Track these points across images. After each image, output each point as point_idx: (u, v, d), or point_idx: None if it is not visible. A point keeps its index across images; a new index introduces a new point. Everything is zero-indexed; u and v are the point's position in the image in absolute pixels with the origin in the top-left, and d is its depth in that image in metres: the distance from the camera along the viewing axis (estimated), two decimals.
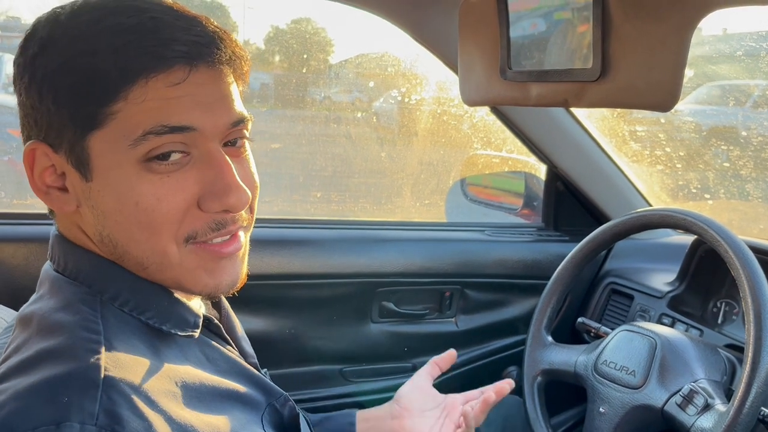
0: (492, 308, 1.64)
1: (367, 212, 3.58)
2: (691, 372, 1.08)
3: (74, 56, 0.57)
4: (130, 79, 0.57)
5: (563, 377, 1.24)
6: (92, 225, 0.63)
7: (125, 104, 0.58)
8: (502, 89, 0.95)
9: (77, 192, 0.62)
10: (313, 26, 6.02)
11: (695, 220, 1.13)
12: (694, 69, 4.14)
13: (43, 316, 0.61)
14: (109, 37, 0.57)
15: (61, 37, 0.58)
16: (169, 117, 0.58)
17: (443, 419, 0.99)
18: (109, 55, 0.57)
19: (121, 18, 0.58)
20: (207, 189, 0.61)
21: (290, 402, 0.77)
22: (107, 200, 0.60)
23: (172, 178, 0.60)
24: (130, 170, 0.59)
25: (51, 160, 0.61)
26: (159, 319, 0.65)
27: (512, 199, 1.85)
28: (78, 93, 0.58)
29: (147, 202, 0.59)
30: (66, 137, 0.59)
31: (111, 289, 0.64)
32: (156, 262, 0.62)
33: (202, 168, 0.61)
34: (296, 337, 1.46)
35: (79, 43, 0.57)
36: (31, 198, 3.22)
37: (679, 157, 3.16)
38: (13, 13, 8.73)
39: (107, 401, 0.53)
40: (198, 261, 0.63)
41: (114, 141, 0.58)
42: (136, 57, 0.57)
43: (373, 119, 5.07)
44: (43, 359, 0.55)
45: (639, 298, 1.48)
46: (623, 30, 0.76)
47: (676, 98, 0.73)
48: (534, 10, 0.89)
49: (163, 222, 0.60)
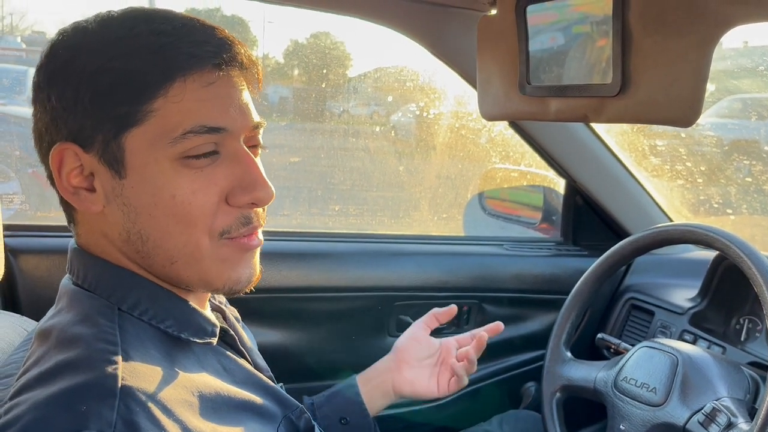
0: (510, 323, 1.62)
1: (385, 226, 3.58)
2: (713, 390, 1.07)
3: (112, 58, 0.60)
4: (169, 78, 0.60)
5: (583, 393, 1.22)
6: (119, 224, 0.64)
7: (164, 102, 0.61)
8: (520, 104, 0.95)
9: (106, 191, 0.63)
10: (332, 40, 6.06)
11: (717, 236, 1.12)
12: (716, 83, 4.11)
13: (61, 329, 0.61)
14: (145, 39, 0.60)
15: (96, 42, 0.61)
16: (207, 118, 0.62)
17: (439, 366, 1.04)
18: (147, 55, 0.60)
19: (154, 24, 0.61)
20: (236, 184, 0.64)
21: (306, 414, 0.77)
22: (142, 195, 0.62)
23: (205, 173, 0.63)
24: (166, 166, 0.61)
25: (80, 161, 0.63)
26: (177, 327, 0.66)
27: (531, 213, 1.84)
28: (115, 92, 0.60)
29: (183, 195, 0.62)
30: (100, 136, 0.61)
31: (130, 298, 0.65)
32: (187, 254, 0.64)
33: (230, 165, 0.64)
34: (313, 351, 1.46)
35: (115, 46, 0.61)
36: (54, 210, 3.25)
37: (700, 172, 3.13)
38: (38, 28, 8.78)
39: (125, 410, 0.54)
40: (225, 255, 0.66)
41: (152, 138, 0.61)
42: (174, 57, 0.60)
43: (391, 133, 5.09)
44: (62, 370, 0.56)
45: (660, 314, 1.46)
46: (643, 45, 0.75)
47: (698, 114, 0.72)
48: (553, 23, 0.89)
49: (198, 215, 0.63)
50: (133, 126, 0.61)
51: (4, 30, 8.00)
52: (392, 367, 1.03)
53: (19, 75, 5.05)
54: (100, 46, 0.61)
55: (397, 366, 1.03)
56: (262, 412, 0.70)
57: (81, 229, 0.68)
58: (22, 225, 1.31)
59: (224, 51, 0.63)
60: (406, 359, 1.03)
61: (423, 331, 1.06)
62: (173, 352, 0.65)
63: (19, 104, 4.69)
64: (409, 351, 1.04)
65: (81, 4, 10.58)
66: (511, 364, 1.63)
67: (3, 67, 5.73)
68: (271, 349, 0.93)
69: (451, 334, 1.56)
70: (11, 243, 1.22)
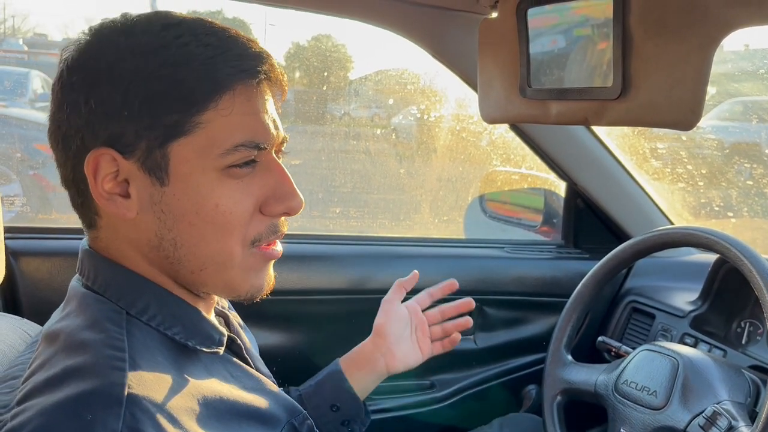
0: (511, 326, 1.62)
1: (386, 228, 3.58)
2: (714, 393, 1.06)
3: (162, 65, 0.60)
4: (219, 91, 0.61)
5: (583, 396, 1.22)
6: (151, 230, 0.64)
7: (214, 114, 0.62)
8: (521, 107, 0.95)
9: (142, 197, 0.63)
10: (333, 43, 6.07)
11: (718, 239, 1.12)
12: (716, 86, 4.11)
13: (69, 333, 0.61)
14: (194, 49, 0.61)
15: (142, 46, 0.61)
16: (255, 132, 0.64)
17: (415, 333, 1.08)
18: (199, 66, 0.60)
19: (201, 34, 0.62)
20: (270, 194, 0.66)
21: (309, 421, 0.77)
22: (184, 203, 0.63)
23: (245, 183, 0.65)
24: (212, 176, 0.63)
25: (116, 166, 0.62)
26: (185, 334, 0.66)
27: (532, 215, 1.84)
28: (165, 101, 0.60)
29: (226, 204, 0.63)
30: (143, 143, 0.61)
31: (139, 303, 0.65)
32: (219, 262, 0.65)
33: (265, 175, 0.66)
34: (313, 353, 1.46)
35: (164, 54, 0.60)
36: (55, 213, 3.27)
37: (701, 175, 3.13)
38: (40, 30, 8.81)
39: (130, 419, 0.54)
40: (252, 263, 0.68)
41: (200, 149, 0.62)
42: (223, 70, 0.61)
43: (392, 135, 5.09)
44: (69, 377, 0.56)
45: (660, 317, 1.46)
46: (644, 48, 0.76)
47: (699, 117, 0.72)
48: (554, 26, 0.89)
49: (236, 224, 0.64)
50: (181, 136, 0.61)
51: (6, 32, 8.02)
52: (380, 350, 1.05)
53: (21, 77, 5.06)
54: (147, 51, 0.60)
55: (387, 349, 1.05)
56: (266, 418, 0.71)
57: (103, 234, 0.67)
58: (23, 227, 1.31)
59: (263, 64, 0.64)
60: (391, 339, 1.05)
61: (395, 306, 1.08)
62: (180, 359, 0.65)
63: (21, 106, 4.70)
64: (391, 330, 1.06)
65: (83, 7, 10.56)
66: (512, 367, 1.62)
67: (4, 69, 5.74)
68: (270, 352, 0.94)
69: None
70: (12, 245, 1.22)
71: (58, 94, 0.63)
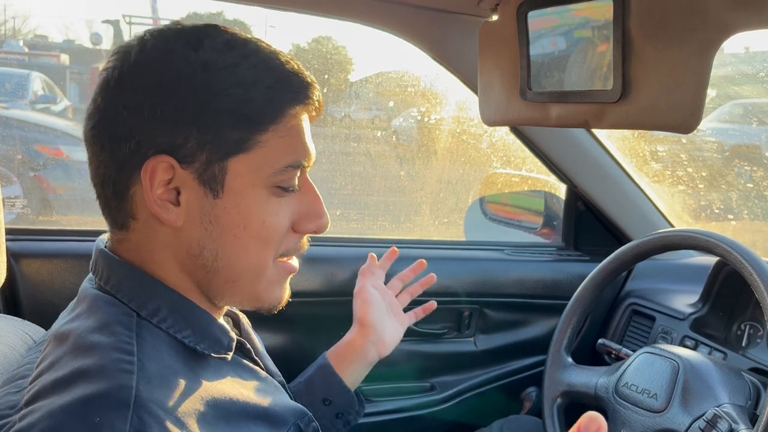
0: (511, 328, 1.62)
1: (386, 230, 3.58)
2: (714, 396, 1.07)
3: (232, 85, 0.63)
4: (280, 114, 0.65)
5: (583, 399, 1.22)
6: (194, 239, 0.66)
7: (273, 135, 0.65)
8: (521, 110, 0.95)
9: (191, 207, 0.65)
10: (333, 45, 6.08)
11: (718, 242, 1.12)
12: (716, 89, 4.11)
13: (79, 335, 0.62)
14: (262, 73, 0.64)
15: (215, 64, 0.63)
16: (302, 154, 0.68)
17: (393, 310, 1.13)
18: (265, 89, 0.64)
19: (266, 58, 0.65)
20: (303, 212, 0.71)
21: (314, 423, 0.78)
22: (233, 217, 0.66)
23: (286, 200, 0.69)
24: (261, 192, 0.66)
25: (172, 174, 0.63)
26: (195, 338, 0.66)
27: (532, 218, 1.84)
28: (231, 118, 0.63)
29: (272, 220, 0.67)
30: (204, 156, 0.63)
31: (150, 305, 0.65)
32: (254, 274, 0.69)
33: (301, 195, 0.70)
34: (314, 355, 1.46)
35: (236, 73, 0.63)
36: (56, 215, 3.26)
37: (702, 177, 3.13)
38: (41, 32, 8.81)
39: (137, 422, 0.54)
40: (278, 276, 0.72)
41: (256, 166, 0.65)
42: (287, 95, 0.66)
43: (392, 138, 5.09)
44: (77, 379, 0.57)
45: (661, 320, 1.46)
46: (644, 51, 0.76)
47: (699, 120, 0.72)
48: (554, 28, 0.90)
49: (276, 239, 0.69)
50: (240, 152, 0.64)
51: (6, 34, 8.03)
52: (369, 339, 1.08)
53: (21, 79, 5.07)
54: (219, 68, 0.63)
55: (377, 337, 1.08)
56: (273, 420, 0.71)
57: (134, 236, 0.67)
58: (24, 229, 1.31)
59: (315, 93, 0.68)
60: (377, 327, 1.09)
61: (369, 293, 1.11)
62: (190, 361, 0.65)
63: (21, 108, 4.70)
64: (373, 317, 1.09)
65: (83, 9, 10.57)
66: (512, 369, 1.62)
67: (5, 70, 5.75)
68: (270, 354, 0.94)
69: (452, 338, 1.57)
70: (13, 247, 1.22)
71: (114, 91, 0.63)
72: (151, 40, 0.64)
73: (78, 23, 15.20)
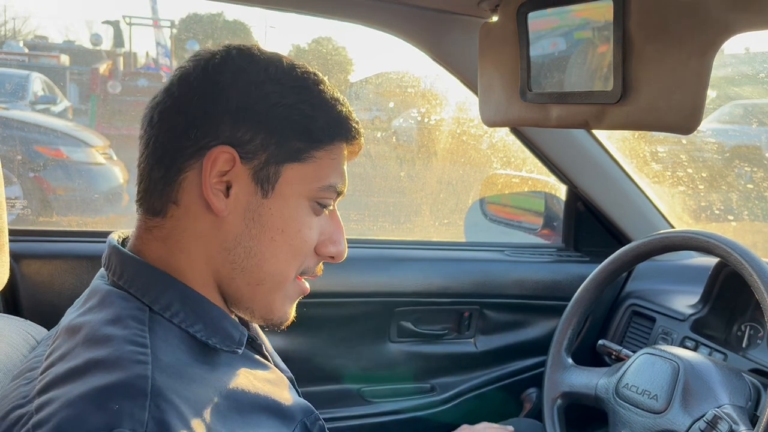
0: (511, 329, 1.62)
1: (386, 231, 3.58)
2: (714, 397, 1.06)
3: (302, 102, 0.69)
4: (335, 138, 0.72)
5: (584, 400, 1.22)
6: (233, 233, 0.69)
7: (326, 154, 0.71)
8: (522, 111, 0.95)
9: (239, 201, 0.69)
10: (333, 45, 6.08)
11: (719, 243, 1.12)
12: (717, 90, 4.11)
13: (92, 327, 0.63)
14: (327, 101, 0.71)
15: (291, 81, 0.70)
16: (343, 180, 0.74)
17: None
18: (328, 114, 0.71)
19: (331, 91, 0.72)
20: (327, 237, 0.75)
21: (320, 421, 0.79)
22: (276, 219, 0.70)
23: (318, 219, 0.73)
24: (303, 203, 0.71)
25: (231, 166, 0.67)
26: (206, 333, 0.68)
27: (532, 218, 1.84)
28: (296, 130, 0.69)
29: (305, 232, 0.72)
30: (264, 156, 0.68)
31: (163, 299, 0.66)
32: (277, 282, 0.72)
33: (328, 219, 0.76)
34: (315, 357, 1.46)
35: (306, 94, 0.70)
36: (56, 215, 3.26)
37: (702, 178, 3.13)
38: (41, 33, 8.80)
39: (155, 410, 0.55)
40: (293, 292, 0.75)
41: (305, 178, 0.70)
42: (345, 124, 0.72)
43: (392, 138, 5.09)
44: (92, 368, 0.58)
45: (661, 321, 1.46)
46: (644, 52, 0.76)
47: (699, 121, 0.72)
48: (554, 29, 0.90)
49: (304, 252, 0.73)
50: (296, 161, 0.70)
51: (6, 34, 8.03)
52: None
53: (22, 80, 5.07)
54: (293, 86, 0.70)
55: None
56: (282, 414, 0.73)
57: (170, 223, 0.69)
58: (24, 230, 1.31)
59: (360, 136, 0.75)
60: None
61: None
62: (201, 355, 0.67)
63: (21, 109, 4.70)
64: None
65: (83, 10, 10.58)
66: (512, 370, 1.62)
67: (5, 71, 5.75)
68: None
69: (452, 339, 1.57)
70: (13, 248, 1.21)
71: (193, 84, 0.68)
72: (236, 51, 0.70)
73: (78, 24, 15.20)
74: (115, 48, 7.20)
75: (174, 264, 0.69)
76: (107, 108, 5.96)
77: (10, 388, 0.64)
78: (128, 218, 4.01)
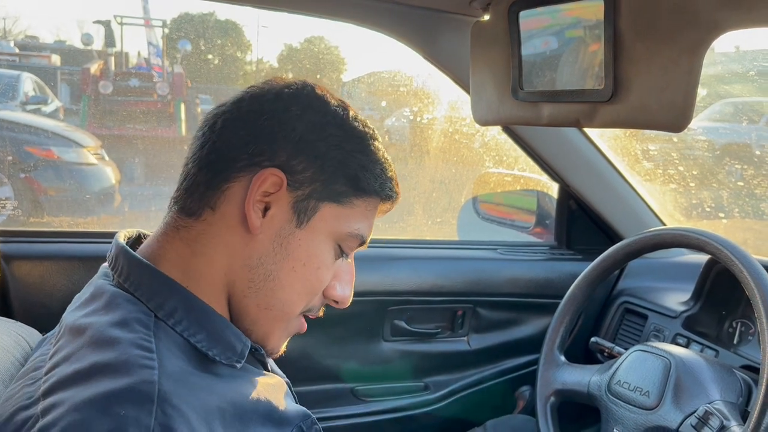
0: (504, 327, 1.63)
1: (379, 230, 3.58)
2: (706, 393, 1.07)
3: (358, 152, 0.74)
4: (374, 194, 0.75)
5: (576, 397, 1.23)
6: (257, 252, 0.71)
7: (363, 204, 0.75)
8: (513, 109, 0.95)
9: (274, 224, 0.71)
10: (325, 45, 6.07)
11: (709, 240, 1.12)
12: (707, 88, 4.13)
13: (97, 329, 0.62)
14: (380, 157, 0.76)
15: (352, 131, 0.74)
16: (369, 233, 0.78)
17: None
18: (378, 169, 0.75)
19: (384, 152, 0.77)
20: (336, 281, 0.78)
21: (317, 425, 0.78)
22: (301, 251, 0.72)
23: (335, 264, 0.76)
24: (329, 244, 0.74)
25: (276, 189, 0.70)
26: (208, 343, 0.67)
27: (524, 217, 1.85)
28: (344, 174, 0.73)
29: (323, 271, 0.74)
30: (309, 189, 0.71)
31: (167, 306, 0.66)
32: (283, 312, 0.74)
33: (341, 266, 0.78)
34: (307, 356, 1.46)
35: (362, 145, 0.74)
36: (47, 216, 3.24)
37: (693, 176, 3.14)
38: (32, 33, 8.76)
39: (162, 416, 0.55)
40: (293, 327, 0.77)
41: (338, 219, 0.73)
42: (388, 184, 0.76)
43: (384, 137, 5.09)
44: (98, 372, 0.57)
45: (653, 318, 1.47)
46: (635, 51, 0.76)
47: (689, 119, 0.73)
48: (546, 28, 0.90)
49: (316, 290, 0.75)
50: (336, 203, 0.73)
51: None
52: None
53: (12, 80, 5.04)
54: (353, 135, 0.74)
55: None
56: (279, 420, 0.72)
57: (201, 226, 0.70)
58: (15, 231, 1.30)
59: (396, 200, 0.79)
60: None
61: None
62: (201, 364, 0.66)
63: (12, 109, 4.67)
64: None
65: (74, 10, 10.53)
66: (505, 368, 1.63)
67: None
68: None
69: (445, 338, 1.57)
70: (4, 249, 1.21)
71: (264, 102, 0.72)
72: (310, 88, 0.74)
73: (69, 24, 15.11)
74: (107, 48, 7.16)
75: (192, 266, 0.69)
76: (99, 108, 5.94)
77: (15, 388, 0.64)
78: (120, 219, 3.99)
